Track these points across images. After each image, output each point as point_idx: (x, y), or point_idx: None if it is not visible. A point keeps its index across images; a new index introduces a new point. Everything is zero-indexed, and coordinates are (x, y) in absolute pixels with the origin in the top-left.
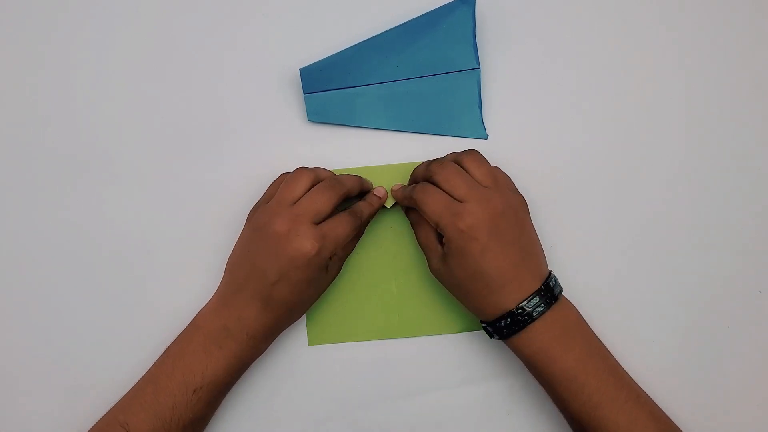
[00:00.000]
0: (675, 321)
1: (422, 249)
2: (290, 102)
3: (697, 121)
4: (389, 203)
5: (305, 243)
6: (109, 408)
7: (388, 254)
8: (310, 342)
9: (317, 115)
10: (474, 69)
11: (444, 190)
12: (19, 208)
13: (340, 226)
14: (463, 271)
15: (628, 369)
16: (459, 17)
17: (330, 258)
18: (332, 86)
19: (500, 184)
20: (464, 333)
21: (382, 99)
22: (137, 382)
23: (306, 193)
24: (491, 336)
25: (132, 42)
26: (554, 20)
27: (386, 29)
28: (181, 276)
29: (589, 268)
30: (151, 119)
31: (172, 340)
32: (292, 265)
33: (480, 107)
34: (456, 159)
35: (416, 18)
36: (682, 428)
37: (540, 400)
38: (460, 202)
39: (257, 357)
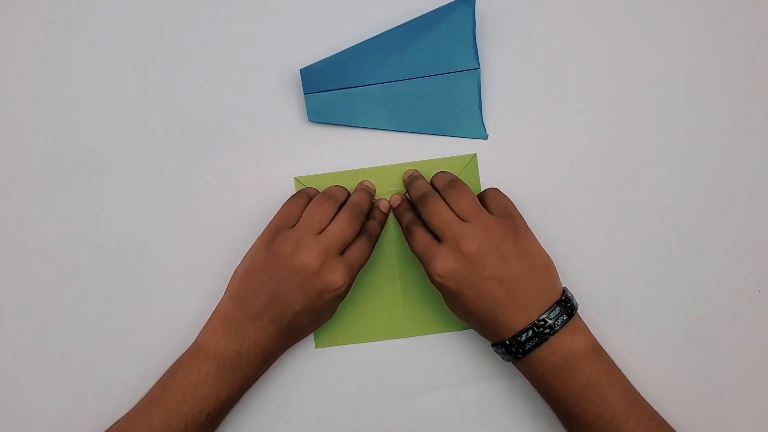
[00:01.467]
0: (675, 321)
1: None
2: (290, 102)
3: (697, 120)
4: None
5: (338, 278)
6: (106, 413)
7: (392, 254)
8: (317, 345)
9: (317, 116)
10: (474, 69)
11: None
12: (18, 209)
13: (362, 254)
14: (452, 307)
15: (627, 369)
16: (459, 17)
17: None
18: (332, 86)
19: (482, 215)
20: (467, 331)
21: (383, 99)
22: (141, 402)
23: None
24: (498, 355)
25: (132, 41)
26: (554, 20)
27: (386, 29)
28: (181, 276)
29: (589, 268)
30: (151, 119)
31: (169, 339)
32: (321, 298)
33: (480, 107)
34: (442, 190)
35: (416, 18)
36: (681, 428)
37: (539, 401)
38: (440, 242)
39: (264, 374)
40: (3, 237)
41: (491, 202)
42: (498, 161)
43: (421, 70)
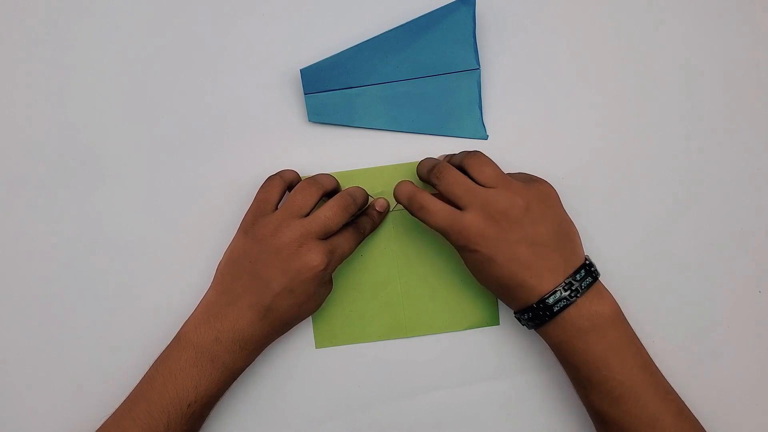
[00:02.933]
0: (675, 321)
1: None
2: (290, 102)
3: (697, 121)
4: (392, 206)
5: (315, 257)
6: (100, 410)
7: (391, 254)
8: (317, 345)
9: (318, 116)
10: (474, 69)
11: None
12: (15, 208)
13: (346, 243)
14: (478, 276)
15: None
16: (459, 17)
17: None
18: (333, 86)
19: (508, 181)
20: (467, 331)
21: (383, 99)
22: (128, 396)
23: (314, 206)
24: (522, 324)
25: (131, 41)
26: (554, 20)
27: (386, 29)
28: (182, 276)
29: None
30: (151, 119)
31: (167, 340)
32: (298, 278)
33: (480, 107)
34: (460, 162)
35: (416, 18)
36: None
37: (540, 401)
38: (461, 209)
39: (248, 366)
40: (2, 234)
41: (514, 175)
42: (498, 161)
43: (421, 71)
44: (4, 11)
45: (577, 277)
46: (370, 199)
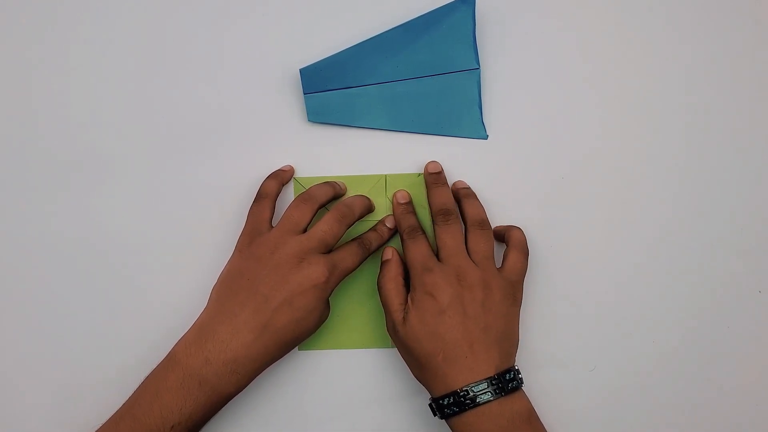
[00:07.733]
0: (675, 321)
1: (383, 304)
2: (290, 102)
3: (697, 121)
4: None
5: (315, 270)
6: (96, 414)
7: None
8: (300, 347)
9: (317, 116)
10: (474, 69)
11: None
12: (14, 208)
13: (349, 258)
14: (421, 327)
15: (627, 369)
16: (459, 17)
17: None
18: (332, 86)
19: (490, 267)
20: None
21: (382, 99)
22: (118, 410)
23: (310, 221)
24: (435, 414)
25: (131, 42)
26: (554, 20)
27: (386, 29)
28: (180, 278)
29: (590, 268)
30: (150, 119)
31: (168, 341)
32: (298, 291)
33: (480, 107)
34: (470, 221)
35: (416, 18)
36: (682, 428)
37: (537, 402)
38: (440, 261)
39: (239, 392)
40: (0, 236)
41: (509, 262)
42: (498, 161)
43: (421, 70)
44: (4, 11)
45: (507, 376)
46: (381, 212)
